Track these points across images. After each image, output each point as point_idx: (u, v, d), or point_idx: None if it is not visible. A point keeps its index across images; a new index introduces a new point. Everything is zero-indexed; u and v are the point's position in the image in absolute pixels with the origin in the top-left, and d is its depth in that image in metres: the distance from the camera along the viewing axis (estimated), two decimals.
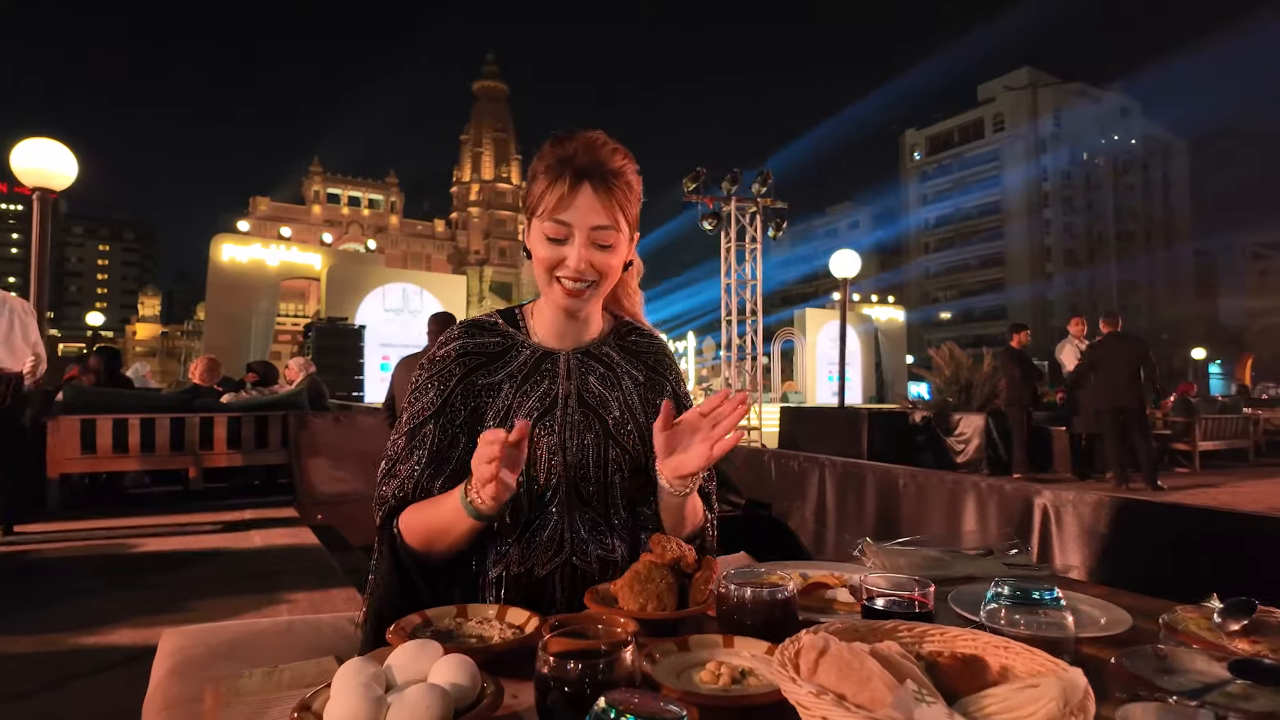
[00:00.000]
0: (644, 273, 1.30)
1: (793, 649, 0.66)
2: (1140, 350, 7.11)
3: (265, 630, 1.36)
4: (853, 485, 2.45)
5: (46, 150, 6.10)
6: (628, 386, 1.17)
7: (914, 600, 0.85)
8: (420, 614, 0.91)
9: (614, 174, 1.06)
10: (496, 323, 1.18)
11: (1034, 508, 1.82)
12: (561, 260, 1.06)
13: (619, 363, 1.18)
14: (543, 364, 1.14)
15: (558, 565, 1.09)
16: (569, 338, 1.17)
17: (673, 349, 1.35)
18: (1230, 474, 8.85)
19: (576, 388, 1.14)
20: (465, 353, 1.13)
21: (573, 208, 1.04)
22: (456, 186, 73.08)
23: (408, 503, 1.08)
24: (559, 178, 1.04)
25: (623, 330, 1.23)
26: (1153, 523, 1.64)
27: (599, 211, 1.04)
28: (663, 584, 0.94)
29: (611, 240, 1.06)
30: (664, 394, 1.19)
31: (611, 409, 1.14)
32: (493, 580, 1.09)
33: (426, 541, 1.05)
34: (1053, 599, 0.83)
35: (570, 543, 1.09)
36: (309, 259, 18.05)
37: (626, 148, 1.11)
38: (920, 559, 1.22)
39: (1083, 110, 67.57)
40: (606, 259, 1.07)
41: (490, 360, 1.13)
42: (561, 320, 1.15)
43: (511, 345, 1.15)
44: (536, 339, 1.17)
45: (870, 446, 8.25)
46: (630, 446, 1.14)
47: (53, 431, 5.78)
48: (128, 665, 2.64)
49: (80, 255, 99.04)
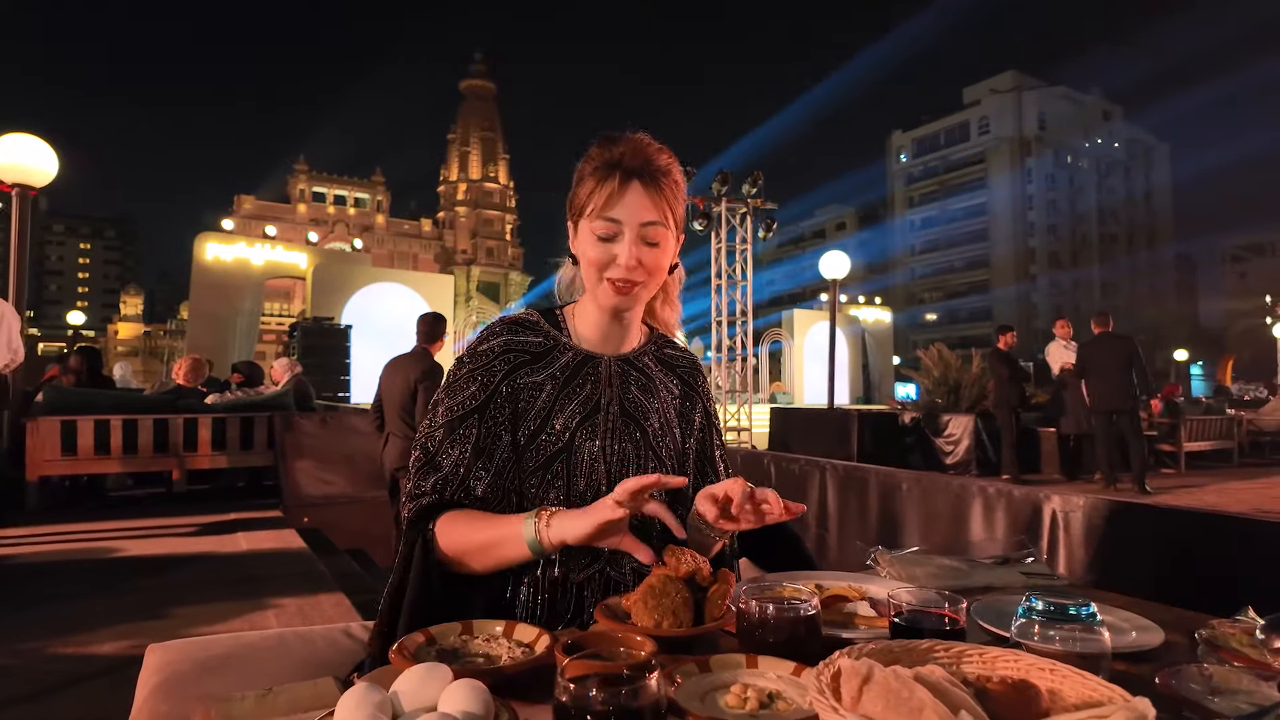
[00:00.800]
0: (684, 281, 1.28)
1: (829, 673, 0.62)
2: (1131, 349, 7.14)
3: (255, 644, 1.31)
4: (855, 489, 2.42)
5: (26, 146, 5.97)
6: (665, 398, 1.17)
7: (945, 616, 0.82)
8: (424, 632, 0.87)
9: (662, 171, 1.07)
10: (538, 322, 1.16)
11: (1043, 513, 1.79)
12: (612, 259, 1.05)
13: (657, 374, 1.19)
14: (584, 368, 1.13)
15: (593, 573, 1.06)
16: (611, 342, 1.16)
17: None
18: (1216, 474, 8.92)
19: (618, 395, 1.13)
20: (509, 349, 1.11)
21: (622, 204, 1.05)
22: (443, 185, 72.74)
23: (445, 500, 1.04)
24: (608, 177, 1.05)
25: (660, 342, 1.23)
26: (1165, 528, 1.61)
27: (648, 208, 1.05)
28: (678, 598, 0.89)
29: (660, 237, 1.07)
30: (696, 412, 1.21)
31: (651, 419, 1.14)
32: (526, 583, 1.06)
33: (464, 554, 1.01)
34: (1088, 614, 0.80)
35: (606, 550, 1.06)
36: (294, 258, 17.87)
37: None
38: (936, 569, 1.18)
39: (1066, 113, 68.23)
40: (656, 256, 1.07)
41: (534, 359, 1.12)
42: (606, 323, 1.14)
43: (554, 346, 1.14)
44: (578, 341, 1.15)
45: (860, 447, 8.25)
46: (666, 457, 1.14)
47: (32, 433, 5.66)
48: (109, 674, 2.56)
49: (60, 253, 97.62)
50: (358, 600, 3.46)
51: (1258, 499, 7.32)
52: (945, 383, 9.85)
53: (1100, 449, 7.38)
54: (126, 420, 6.00)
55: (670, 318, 1.26)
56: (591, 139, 1.11)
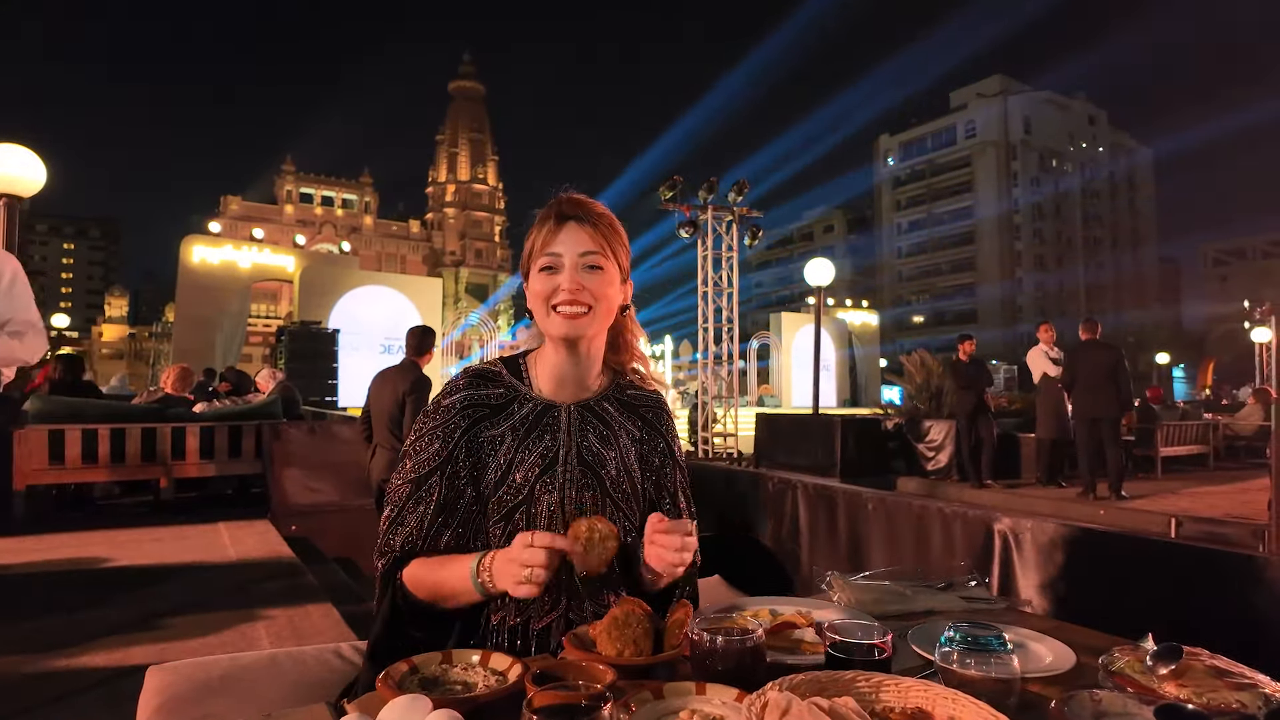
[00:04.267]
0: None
1: (759, 704, 0.71)
2: (1116, 359, 7.26)
3: (251, 665, 1.39)
4: (824, 507, 2.52)
5: (14, 156, 5.98)
6: (625, 444, 1.21)
7: (875, 646, 0.91)
8: (407, 661, 0.96)
9: (599, 214, 1.15)
10: (500, 373, 1.21)
11: (994, 534, 1.90)
12: (555, 288, 1.12)
13: (617, 419, 1.22)
14: (544, 418, 1.18)
15: (555, 618, 1.13)
16: (569, 386, 1.20)
17: (653, 357, 1.40)
18: (1190, 479, 9.09)
19: (576, 445, 1.17)
20: (470, 404, 1.16)
21: (559, 240, 1.13)
22: (432, 187, 72.51)
23: (414, 554, 1.12)
24: (547, 220, 1.14)
25: (621, 385, 1.27)
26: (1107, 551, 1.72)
27: (586, 240, 1.13)
28: (639, 629, 0.98)
29: (601, 264, 1.13)
30: (658, 452, 1.25)
31: (608, 467, 1.18)
32: (494, 628, 1.13)
33: (430, 597, 1.10)
34: (1000, 644, 0.90)
35: (564, 597, 1.13)
36: (282, 260, 17.88)
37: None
38: (884, 593, 1.28)
39: (1052, 117, 68.90)
40: (599, 283, 1.13)
41: (493, 412, 1.17)
42: (563, 362, 1.18)
43: (515, 397, 1.19)
44: (538, 390, 1.20)
45: (844, 454, 8.38)
46: (623, 503, 1.18)
47: (19, 442, 5.68)
48: (103, 689, 2.62)
49: (44, 254, 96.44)
50: (345, 611, 3.52)
51: (1230, 504, 7.47)
52: (927, 389, 9.99)
53: (1081, 456, 7.51)
54: (115, 429, 6.03)
55: (628, 362, 1.29)
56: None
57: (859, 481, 5.99)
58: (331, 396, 13.32)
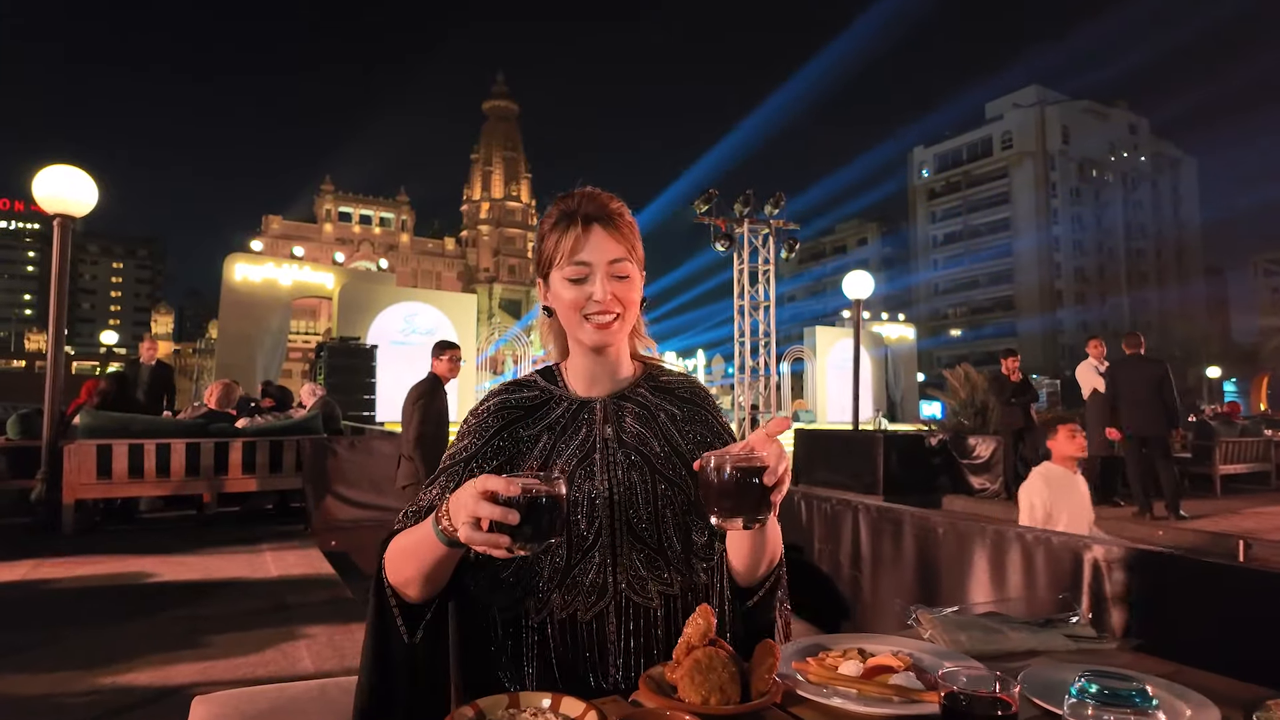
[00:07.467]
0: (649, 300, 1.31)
1: None
2: (1162, 373, 6.97)
3: (298, 695, 1.33)
4: (889, 531, 2.38)
5: (68, 177, 6.15)
6: (664, 421, 1.19)
7: (998, 699, 0.81)
8: (472, 705, 0.88)
9: (618, 214, 1.14)
10: (534, 380, 1.22)
11: (1083, 562, 1.75)
12: (588, 297, 1.11)
13: (653, 401, 1.21)
14: (580, 414, 1.17)
15: (601, 609, 1.07)
16: (602, 382, 1.20)
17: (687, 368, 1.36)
18: (1252, 499, 8.70)
19: (614, 430, 1.16)
20: (504, 406, 1.17)
21: (588, 247, 1.10)
22: (466, 204, 73.53)
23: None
24: (570, 226, 1.12)
25: (653, 373, 1.27)
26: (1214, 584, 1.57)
27: (613, 247, 1.11)
28: (725, 674, 0.90)
29: (628, 271, 1.13)
30: (705, 423, 1.21)
31: (652, 444, 1.16)
32: (535, 627, 1.08)
33: (400, 569, 1.02)
34: (1143, 699, 0.79)
35: (614, 586, 1.08)
36: (321, 278, 18.14)
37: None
38: (980, 630, 1.17)
39: (1091, 127, 67.63)
40: (626, 290, 1.12)
41: (529, 413, 1.17)
42: (593, 364, 1.18)
43: (549, 399, 1.19)
44: (572, 391, 1.20)
45: (887, 471, 8.17)
46: (675, 478, 1.14)
47: (69, 456, 5.78)
48: (148, 706, 2.60)
49: (94, 273, 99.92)
50: None
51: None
52: (972, 404, 9.73)
53: (1131, 475, 7.22)
54: (160, 444, 6.11)
55: (643, 346, 1.29)
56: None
57: (904, 500, 5.80)
58: (369, 411, 13.46)
